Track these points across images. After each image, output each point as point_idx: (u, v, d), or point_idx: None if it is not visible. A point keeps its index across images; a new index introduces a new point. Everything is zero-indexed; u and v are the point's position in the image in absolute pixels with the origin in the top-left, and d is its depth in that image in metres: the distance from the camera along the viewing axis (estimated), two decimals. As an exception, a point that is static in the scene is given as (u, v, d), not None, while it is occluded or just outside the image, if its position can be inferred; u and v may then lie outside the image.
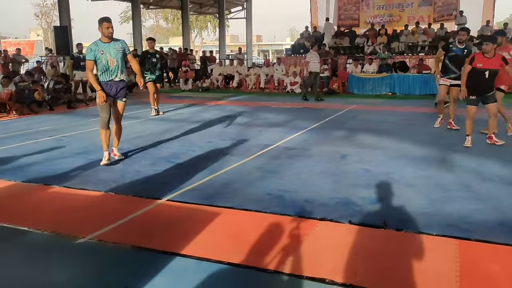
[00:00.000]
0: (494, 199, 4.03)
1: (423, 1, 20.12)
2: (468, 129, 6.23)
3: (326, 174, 4.98)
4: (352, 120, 9.13)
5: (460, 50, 7.03)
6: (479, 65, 5.88)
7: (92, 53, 5.20)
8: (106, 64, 5.24)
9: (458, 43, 7.10)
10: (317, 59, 13.26)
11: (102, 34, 5.23)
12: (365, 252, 3.01)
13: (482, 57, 5.87)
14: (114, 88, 5.37)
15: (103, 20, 5.20)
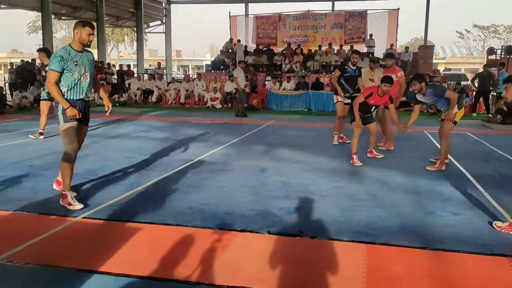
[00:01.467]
0: (397, 206, 4.44)
1: (334, 24, 21.48)
2: (354, 147, 6.54)
3: (246, 187, 5.12)
4: (271, 135, 9.45)
5: (353, 71, 7.69)
6: (372, 101, 6.51)
7: (61, 63, 4.07)
8: (79, 78, 4.20)
9: (352, 65, 7.72)
10: (243, 76, 13.59)
11: (78, 41, 4.18)
12: (282, 260, 3.16)
13: (377, 96, 6.43)
14: (82, 110, 4.33)
15: (87, 24, 4.20)
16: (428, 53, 19.04)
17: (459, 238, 3.60)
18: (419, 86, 6.06)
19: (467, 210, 4.34)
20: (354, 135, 6.58)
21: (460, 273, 3.00)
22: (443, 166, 6.17)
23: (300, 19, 22.02)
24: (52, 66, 4.09)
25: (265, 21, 22.57)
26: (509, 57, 18.28)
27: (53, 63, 4.09)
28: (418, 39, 44.28)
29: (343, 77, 7.72)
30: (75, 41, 4.22)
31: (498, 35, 47.05)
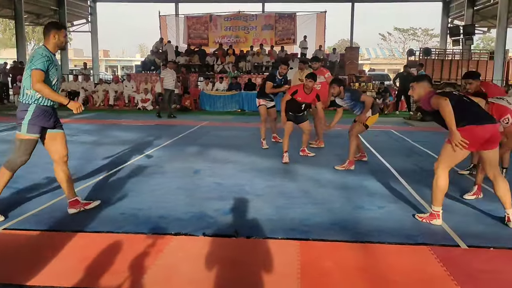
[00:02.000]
0: (328, 202, 4.60)
1: (265, 25, 21.82)
2: (285, 145, 6.69)
3: (180, 189, 5.05)
4: (205, 136, 9.40)
5: (280, 80, 7.88)
6: (299, 98, 6.66)
7: (46, 63, 3.76)
8: (56, 83, 3.95)
9: (279, 75, 7.88)
10: (172, 76, 13.33)
11: (56, 44, 3.92)
12: (218, 261, 3.15)
13: (303, 93, 6.62)
14: (53, 117, 4.03)
15: (61, 27, 3.95)
16: (354, 54, 19.93)
17: (385, 230, 3.80)
18: (338, 89, 6.24)
19: (391, 203, 4.60)
20: (285, 134, 6.72)
21: (386, 264, 3.17)
22: (352, 165, 6.23)
23: (231, 20, 22.12)
24: (38, 65, 3.73)
25: (196, 21, 22.41)
26: (426, 58, 19.62)
27: (39, 62, 3.74)
28: (345, 40, 46.20)
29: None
30: (50, 43, 3.91)
31: (417, 37, 50.39)
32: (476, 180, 4.91)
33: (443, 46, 24.94)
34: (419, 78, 4.23)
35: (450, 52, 21.56)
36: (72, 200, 4.17)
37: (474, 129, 3.76)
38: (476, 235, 3.70)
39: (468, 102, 3.93)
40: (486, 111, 4.01)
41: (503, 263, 3.19)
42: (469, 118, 3.79)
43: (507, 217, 3.95)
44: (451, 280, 2.89)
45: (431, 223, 3.96)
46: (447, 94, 3.89)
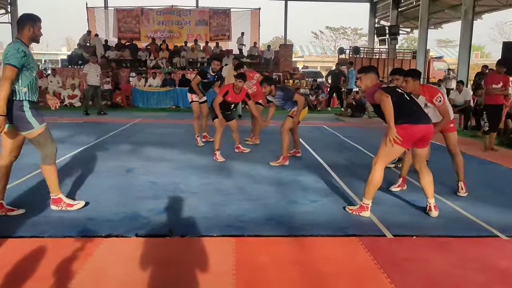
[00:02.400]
0: (263, 198, 4.65)
1: (199, 21, 21.57)
2: (217, 143, 6.68)
3: (112, 189, 4.87)
4: (138, 134, 9.14)
5: (213, 77, 7.82)
6: (229, 99, 6.73)
7: (23, 59, 3.59)
8: (35, 76, 3.78)
9: (212, 71, 7.86)
10: (96, 72, 12.81)
11: (31, 37, 3.75)
12: (152, 262, 3.08)
13: (233, 93, 6.70)
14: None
15: (37, 19, 3.75)
16: (288, 52, 20.29)
17: (318, 223, 3.92)
18: (269, 88, 6.37)
19: (324, 197, 4.74)
20: (217, 132, 6.71)
21: (319, 256, 3.26)
22: (286, 161, 6.37)
23: (164, 14, 21.61)
24: (12, 61, 3.52)
25: (127, 14, 21.62)
26: (356, 57, 20.46)
27: (14, 57, 3.54)
28: (279, 38, 46.91)
29: (202, 83, 7.79)
30: (25, 37, 3.71)
31: (347, 36, 52.33)
32: (401, 173, 5.19)
33: (371, 45, 26.14)
34: (367, 69, 4.37)
35: (378, 51, 22.65)
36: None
37: (410, 128, 3.97)
38: (401, 225, 3.92)
39: (408, 100, 4.11)
40: (423, 112, 4.19)
41: (425, 250, 3.40)
42: (407, 117, 3.99)
43: (428, 206, 4.22)
44: (378, 268, 3.04)
45: (360, 215, 4.14)
46: (390, 91, 4.05)
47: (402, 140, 3.96)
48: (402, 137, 3.94)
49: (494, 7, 20.93)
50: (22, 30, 3.72)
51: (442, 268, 3.08)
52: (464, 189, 4.94)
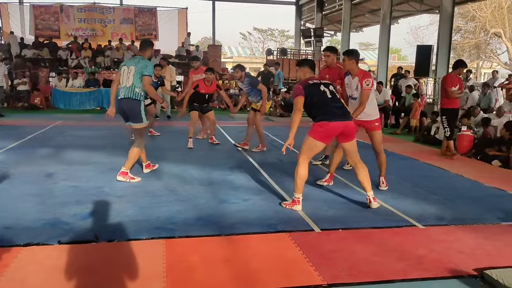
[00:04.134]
0: (194, 199, 4.61)
1: (124, 19, 20.85)
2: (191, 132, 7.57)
3: (30, 196, 4.56)
4: (59, 137, 8.65)
5: (155, 83, 7.76)
6: (202, 91, 7.49)
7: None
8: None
9: (155, 77, 7.72)
10: (2, 71, 12.06)
11: (148, 58, 5.29)
12: (77, 269, 2.93)
13: (204, 85, 7.45)
14: None
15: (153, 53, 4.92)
16: (217, 52, 20.25)
17: (248, 221, 3.96)
18: (241, 74, 7.06)
19: (254, 195, 4.80)
20: (191, 122, 7.59)
21: (250, 253, 3.30)
22: (247, 146, 7.43)
23: (86, 12, 20.60)
24: (150, 72, 5.11)
25: (45, 11, 20.34)
26: (283, 58, 20.91)
27: (151, 70, 5.14)
28: (207, 38, 46.71)
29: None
30: (146, 56, 5.22)
31: (274, 38, 53.32)
32: (330, 169, 5.40)
33: (298, 46, 26.85)
34: (301, 62, 4.60)
35: (304, 53, 23.32)
36: None
37: (326, 125, 4.19)
38: (328, 219, 4.08)
39: (329, 98, 4.27)
40: (344, 109, 4.36)
41: (350, 242, 3.57)
42: (324, 114, 4.19)
43: (368, 199, 4.43)
44: (307, 262, 3.14)
45: (293, 208, 4.27)
46: (311, 90, 4.25)
47: (321, 136, 4.20)
48: (320, 133, 4.19)
49: (409, 12, 22.42)
50: (145, 51, 5.24)
51: (365, 257, 3.25)
52: (384, 183, 5.24)
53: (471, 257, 3.29)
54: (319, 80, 4.42)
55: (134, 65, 5.03)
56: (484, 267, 3.06)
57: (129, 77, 5.00)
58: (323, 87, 4.33)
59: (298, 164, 4.29)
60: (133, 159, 5.17)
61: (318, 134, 4.25)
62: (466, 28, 31.94)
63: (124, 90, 5.07)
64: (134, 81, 4.99)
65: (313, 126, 4.30)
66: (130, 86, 5.02)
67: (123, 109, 5.15)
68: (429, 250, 3.40)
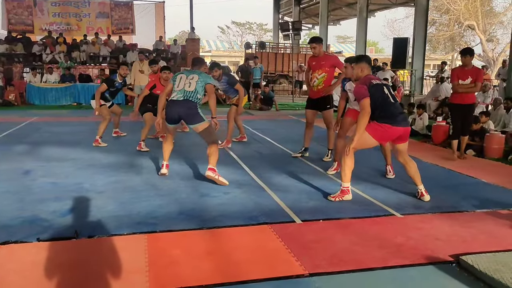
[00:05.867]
0: (175, 193, 4.60)
1: (100, 13, 20.49)
2: (143, 135, 6.98)
3: (7, 193, 4.48)
4: (35, 133, 8.48)
5: (120, 84, 7.56)
6: (158, 91, 6.73)
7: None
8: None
9: (119, 78, 7.54)
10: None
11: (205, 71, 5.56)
12: (58, 266, 2.90)
13: (161, 85, 6.88)
14: None
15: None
16: (195, 46, 20.08)
17: (230, 214, 3.98)
18: (219, 72, 6.93)
19: (235, 188, 4.82)
20: (146, 125, 7.02)
21: (231, 245, 3.32)
22: (230, 144, 7.24)
23: (60, 6, 20.15)
24: (212, 82, 5.32)
25: (17, 5, 19.81)
26: (262, 51, 20.92)
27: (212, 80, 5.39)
28: (185, 32, 46.30)
29: (109, 91, 7.42)
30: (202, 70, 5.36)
31: (253, 31, 53.28)
32: (335, 158, 5.66)
33: (276, 40, 26.90)
34: (358, 58, 4.63)
35: (282, 46, 23.37)
36: None
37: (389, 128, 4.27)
38: (308, 210, 4.13)
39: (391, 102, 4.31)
40: (405, 115, 4.55)
41: (330, 232, 3.62)
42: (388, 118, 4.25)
43: (420, 192, 4.50)
44: (289, 252, 3.18)
45: (343, 199, 4.39)
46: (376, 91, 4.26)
47: (379, 135, 4.28)
48: (380, 132, 4.26)
49: (386, 6, 22.71)
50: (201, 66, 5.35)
51: (345, 247, 3.31)
52: (391, 172, 5.43)
53: (447, 244, 3.38)
54: (380, 81, 4.44)
55: (197, 74, 5.08)
56: (460, 253, 3.16)
57: (191, 83, 5.01)
58: (386, 89, 4.36)
59: (346, 154, 4.30)
60: (215, 155, 4.94)
61: (378, 133, 4.28)
62: (441, 21, 32.52)
63: (183, 93, 4.97)
64: (197, 87, 5.00)
65: (374, 124, 4.29)
66: (192, 91, 4.98)
67: (179, 113, 4.98)
68: (407, 238, 3.49)
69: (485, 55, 29.85)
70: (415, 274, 2.93)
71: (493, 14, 30.69)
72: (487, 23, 29.83)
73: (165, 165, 5.40)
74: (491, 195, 4.76)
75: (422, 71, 15.74)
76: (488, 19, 29.93)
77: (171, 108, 4.98)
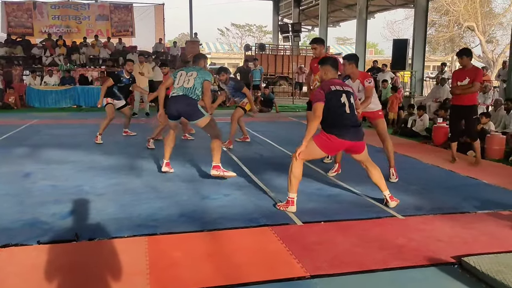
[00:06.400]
0: (175, 196, 4.59)
1: (99, 16, 20.51)
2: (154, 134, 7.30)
3: (7, 196, 4.48)
4: (35, 136, 8.48)
5: (128, 80, 7.66)
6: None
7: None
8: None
9: (126, 74, 7.59)
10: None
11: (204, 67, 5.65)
12: (58, 269, 2.89)
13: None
14: None
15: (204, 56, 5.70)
16: (194, 48, 20.09)
17: (231, 216, 3.96)
18: (226, 77, 7.28)
19: (236, 190, 4.81)
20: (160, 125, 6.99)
21: (233, 247, 3.31)
22: (231, 145, 7.29)
23: (60, 8, 20.17)
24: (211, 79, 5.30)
25: (17, 8, 19.83)
26: (262, 53, 20.93)
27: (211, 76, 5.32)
28: (185, 34, 46.32)
29: (117, 87, 7.50)
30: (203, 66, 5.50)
31: (252, 33, 53.32)
32: (336, 159, 5.62)
33: (276, 42, 26.93)
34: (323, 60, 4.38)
35: (282, 48, 23.38)
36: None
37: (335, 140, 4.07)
38: (309, 212, 4.12)
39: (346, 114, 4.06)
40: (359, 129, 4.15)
41: (331, 233, 3.61)
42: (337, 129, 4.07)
43: (385, 199, 4.32)
44: (290, 254, 3.17)
45: (287, 210, 4.11)
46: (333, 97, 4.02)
47: (325, 146, 4.07)
48: (326, 143, 4.05)
49: (385, 7, 22.75)
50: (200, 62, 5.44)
51: (346, 248, 3.30)
52: (394, 175, 5.29)
53: (449, 245, 3.37)
54: (342, 87, 4.15)
55: (196, 71, 5.17)
56: (461, 254, 3.15)
57: (190, 79, 5.08)
58: (345, 98, 4.08)
59: (293, 163, 4.10)
60: (218, 150, 5.07)
61: (323, 143, 4.07)
62: (440, 22, 32.54)
63: (182, 90, 5.06)
64: (195, 83, 5.07)
65: (321, 133, 4.10)
66: (190, 87, 5.06)
67: (177, 109, 5.09)
68: (409, 240, 3.48)
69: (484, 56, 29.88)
70: (417, 275, 2.92)
71: (492, 15, 30.71)
72: (487, 24, 29.86)
73: (165, 163, 5.46)
74: (492, 196, 4.75)
75: (422, 72, 15.77)
76: (488, 20, 29.95)
77: (171, 104, 5.11)
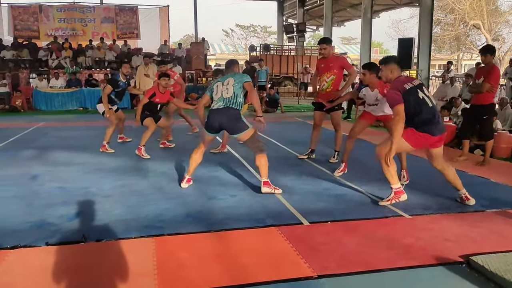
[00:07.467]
0: (182, 196, 4.60)
1: (105, 18, 20.59)
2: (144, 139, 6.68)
3: (15, 198, 4.51)
4: (42, 138, 8.53)
5: (124, 84, 7.47)
6: (157, 100, 6.67)
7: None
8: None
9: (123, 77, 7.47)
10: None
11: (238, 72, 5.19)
12: (66, 270, 2.91)
13: (160, 94, 6.64)
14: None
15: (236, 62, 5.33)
16: (199, 49, 20.13)
17: (237, 217, 3.97)
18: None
19: (242, 191, 4.81)
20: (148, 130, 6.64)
21: (239, 248, 3.31)
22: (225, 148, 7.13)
23: (65, 11, 20.27)
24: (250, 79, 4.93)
25: (23, 11, 19.96)
26: (266, 54, 20.93)
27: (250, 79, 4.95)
28: (190, 36, 46.42)
29: (115, 92, 7.39)
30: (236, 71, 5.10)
31: (257, 34, 53.30)
32: (343, 158, 5.58)
33: (280, 42, 26.89)
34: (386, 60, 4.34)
35: (287, 48, 23.36)
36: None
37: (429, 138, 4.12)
38: (316, 212, 4.11)
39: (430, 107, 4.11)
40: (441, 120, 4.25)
41: (338, 233, 3.61)
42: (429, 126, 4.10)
43: (464, 197, 4.34)
44: (297, 254, 3.17)
45: (399, 200, 4.30)
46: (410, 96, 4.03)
47: (417, 143, 4.13)
48: (418, 140, 4.10)
49: (390, 6, 22.65)
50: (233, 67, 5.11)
51: (354, 248, 3.29)
52: (405, 177, 5.23)
53: (457, 244, 3.35)
54: (412, 83, 4.13)
55: (231, 77, 4.79)
56: (470, 253, 3.13)
57: (228, 88, 4.69)
58: (421, 92, 4.09)
59: (388, 158, 4.09)
60: (266, 165, 4.70)
61: (415, 141, 4.12)
62: (446, 20, 32.39)
63: (223, 100, 4.67)
64: (235, 90, 4.69)
65: (412, 132, 4.11)
66: (231, 96, 4.68)
67: (220, 121, 4.65)
68: (416, 239, 3.47)
69: (490, 54, 29.62)
70: (425, 275, 2.91)
71: (498, 13, 30.52)
72: (493, 22, 29.68)
73: (187, 179, 4.98)
74: (500, 195, 4.72)
75: (427, 71, 15.66)
76: (494, 18, 29.77)
77: (212, 116, 4.66)
